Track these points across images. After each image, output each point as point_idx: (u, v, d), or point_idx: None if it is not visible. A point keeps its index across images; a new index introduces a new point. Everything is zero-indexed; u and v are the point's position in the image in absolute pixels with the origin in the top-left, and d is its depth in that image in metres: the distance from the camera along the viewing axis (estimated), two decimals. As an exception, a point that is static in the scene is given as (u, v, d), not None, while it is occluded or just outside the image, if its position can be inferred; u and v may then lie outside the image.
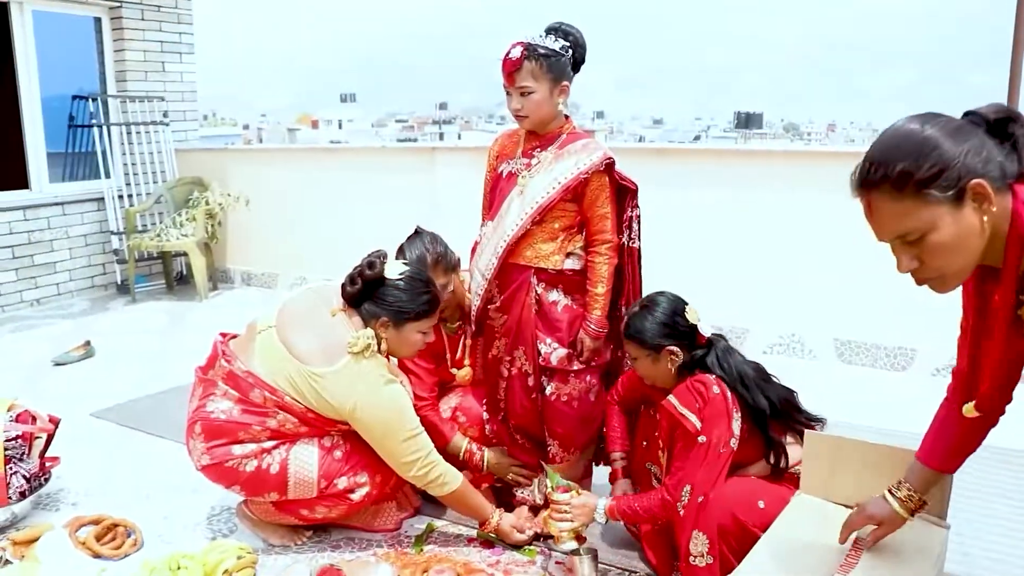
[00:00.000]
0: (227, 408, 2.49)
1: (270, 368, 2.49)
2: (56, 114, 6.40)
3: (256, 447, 2.46)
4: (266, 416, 2.46)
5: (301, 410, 2.46)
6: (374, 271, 2.49)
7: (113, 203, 6.39)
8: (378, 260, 2.52)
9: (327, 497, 2.54)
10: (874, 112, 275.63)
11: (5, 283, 5.87)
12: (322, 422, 2.50)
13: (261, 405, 2.47)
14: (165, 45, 6.85)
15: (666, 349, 2.35)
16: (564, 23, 2.57)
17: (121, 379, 4.32)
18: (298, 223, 6.55)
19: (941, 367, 4.32)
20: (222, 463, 2.46)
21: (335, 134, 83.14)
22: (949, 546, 2.01)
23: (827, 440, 2.12)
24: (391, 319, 2.49)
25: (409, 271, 2.54)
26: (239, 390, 2.49)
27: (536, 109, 2.51)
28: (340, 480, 2.52)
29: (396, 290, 2.49)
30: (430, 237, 2.78)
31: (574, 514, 2.42)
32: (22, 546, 2.54)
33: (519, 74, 2.48)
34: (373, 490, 2.59)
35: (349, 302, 2.53)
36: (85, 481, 3.09)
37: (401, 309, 2.49)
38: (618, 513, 2.39)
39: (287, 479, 2.47)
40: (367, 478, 2.56)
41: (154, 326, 5.55)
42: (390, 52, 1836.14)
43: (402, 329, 2.51)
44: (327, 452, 2.52)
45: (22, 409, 2.85)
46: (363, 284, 2.49)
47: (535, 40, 2.49)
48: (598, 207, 2.54)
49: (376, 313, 2.49)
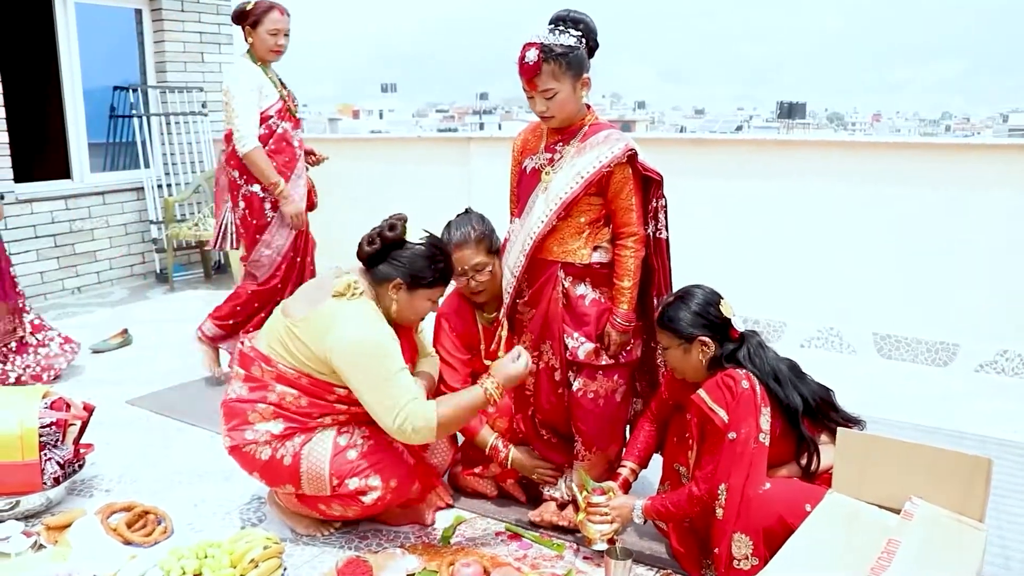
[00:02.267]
0: (237, 387, 2.52)
1: (268, 337, 2.52)
2: (97, 105, 6.49)
3: (266, 432, 2.45)
4: (266, 389, 2.47)
5: (295, 376, 2.44)
6: (395, 233, 2.47)
7: (152, 193, 6.47)
8: (399, 223, 2.50)
9: (339, 496, 2.50)
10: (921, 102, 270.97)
11: (47, 271, 5.97)
12: (319, 387, 2.45)
13: (260, 379, 2.48)
14: (204, 36, 6.90)
15: (698, 340, 2.33)
16: (572, 11, 2.46)
17: (157, 367, 4.37)
18: (333, 212, 6.55)
19: (985, 363, 4.21)
20: (240, 447, 2.48)
21: (376, 124, 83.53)
22: (990, 548, 1.96)
23: (860, 438, 2.07)
24: (405, 282, 2.48)
25: (430, 238, 2.52)
26: (244, 367, 2.53)
27: (562, 108, 2.45)
28: (351, 480, 2.47)
29: (415, 255, 2.48)
30: (478, 217, 2.81)
31: (613, 516, 2.40)
32: (56, 531, 2.57)
33: (540, 78, 2.40)
34: (387, 495, 2.50)
35: (364, 261, 2.52)
36: (119, 468, 3.13)
37: (418, 274, 2.47)
38: (653, 512, 2.37)
39: (300, 472, 2.47)
40: (380, 482, 2.48)
41: (191, 315, 5.59)
42: (431, 42, 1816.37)
43: (414, 294, 2.50)
44: (341, 450, 2.49)
45: (56, 397, 2.89)
46: (382, 244, 2.48)
47: (548, 39, 2.39)
48: (622, 199, 2.49)
49: (390, 275, 2.48)
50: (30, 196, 5.83)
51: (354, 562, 2.36)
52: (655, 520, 2.45)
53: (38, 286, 5.90)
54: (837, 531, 1.89)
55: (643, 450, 2.61)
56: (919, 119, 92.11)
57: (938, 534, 1.75)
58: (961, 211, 4.24)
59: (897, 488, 1.86)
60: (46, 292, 5.96)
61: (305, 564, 2.48)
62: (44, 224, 5.92)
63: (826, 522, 1.94)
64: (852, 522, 1.90)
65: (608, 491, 2.45)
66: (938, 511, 1.89)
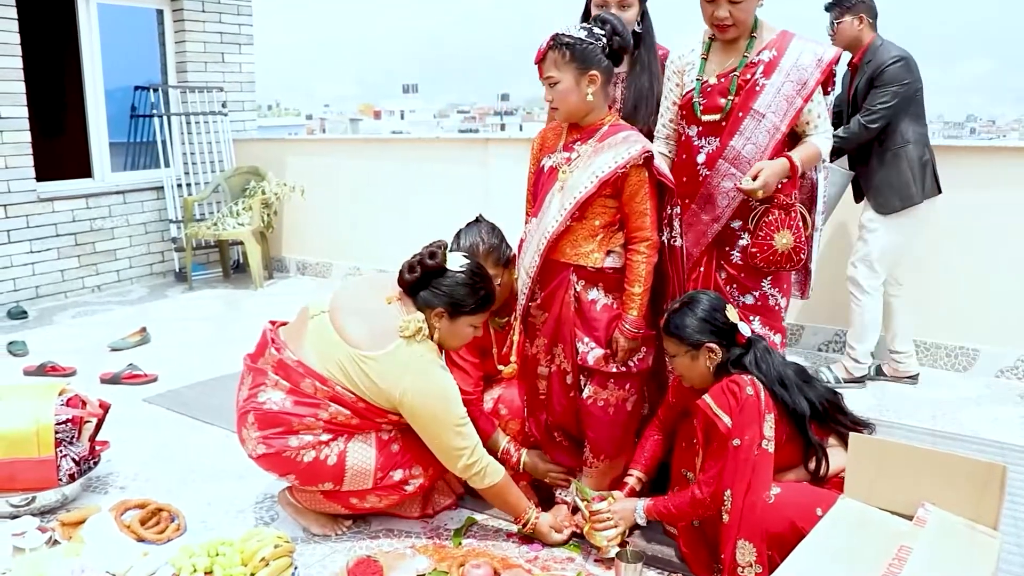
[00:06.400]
0: (279, 399, 2.48)
1: (321, 354, 2.49)
2: (119, 104, 6.55)
3: (313, 439, 2.46)
4: (318, 407, 2.46)
5: (352, 400, 2.46)
6: (435, 261, 2.47)
7: (172, 192, 6.51)
8: (439, 250, 2.49)
9: (381, 488, 2.55)
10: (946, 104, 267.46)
11: (68, 269, 6.02)
12: (373, 412, 2.49)
13: (312, 396, 2.47)
14: (225, 36, 6.94)
15: (705, 346, 2.33)
16: (606, 12, 2.54)
17: (175, 365, 4.39)
18: (352, 213, 6.60)
19: (1006, 368, 4.16)
20: (279, 453, 2.46)
21: (397, 124, 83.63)
22: (1007, 556, 1.93)
23: (872, 444, 2.05)
24: (447, 310, 2.47)
25: (470, 264, 2.52)
26: (290, 380, 2.49)
27: (564, 99, 2.46)
28: (396, 472, 2.55)
29: (456, 283, 2.47)
30: (488, 228, 2.77)
31: (616, 519, 2.40)
32: (70, 527, 2.59)
33: (544, 64, 2.46)
34: (426, 482, 2.62)
35: (406, 290, 2.52)
36: (134, 465, 3.15)
37: (460, 302, 2.47)
38: (655, 513, 2.38)
39: (344, 471, 2.49)
40: (421, 471, 2.58)
41: (210, 313, 5.64)
42: (453, 43, 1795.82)
43: (456, 321, 2.50)
44: (385, 445, 2.53)
45: (72, 394, 2.92)
46: (422, 273, 2.47)
47: (563, 29, 2.45)
48: (637, 203, 2.47)
49: (432, 303, 2.47)
50: (52, 195, 5.89)
51: (364, 562, 2.36)
52: (658, 520, 2.44)
53: (59, 284, 5.96)
54: (848, 537, 1.87)
55: (650, 459, 2.60)
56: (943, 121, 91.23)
57: (950, 541, 1.73)
58: (982, 214, 4.19)
59: (910, 494, 1.84)
60: (66, 290, 6.02)
61: (316, 563, 2.48)
62: (65, 223, 5.98)
63: (837, 528, 1.92)
64: (863, 528, 1.88)
65: (607, 497, 2.47)
66: (951, 518, 1.86)
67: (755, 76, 2.59)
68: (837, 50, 2.67)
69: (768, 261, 2.59)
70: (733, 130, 2.60)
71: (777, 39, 2.64)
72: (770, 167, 2.50)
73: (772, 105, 2.58)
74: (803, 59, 2.59)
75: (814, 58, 2.59)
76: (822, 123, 2.67)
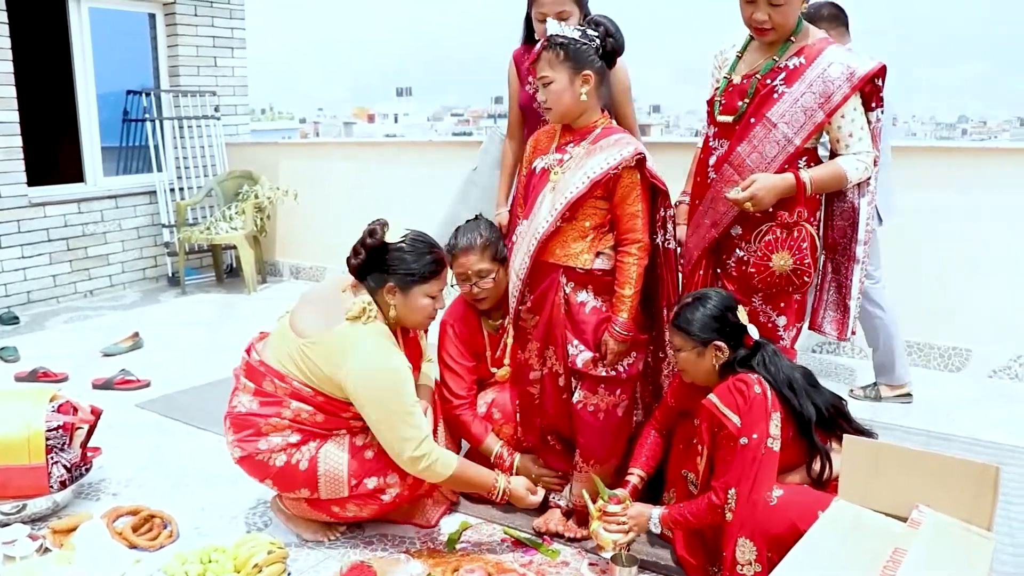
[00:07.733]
0: (247, 401, 2.50)
1: (277, 351, 2.50)
2: (111, 109, 6.53)
3: (282, 441, 2.45)
4: (280, 405, 2.45)
5: (310, 394, 2.44)
6: (375, 238, 2.46)
7: (165, 196, 6.49)
8: (379, 227, 2.49)
9: (357, 496, 2.51)
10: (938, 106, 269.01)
11: (60, 274, 6.00)
12: (336, 406, 2.46)
13: (273, 394, 2.47)
14: (217, 40, 6.93)
15: (712, 343, 2.32)
16: (599, 15, 2.55)
17: (168, 370, 4.37)
18: (346, 217, 6.57)
19: (999, 368, 4.17)
20: (252, 456, 2.46)
21: (391, 128, 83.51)
22: (1001, 557, 1.93)
23: (866, 445, 2.05)
24: (398, 284, 2.46)
25: (411, 233, 2.52)
26: (254, 381, 2.51)
27: (557, 99, 2.46)
28: (369, 480, 2.49)
29: (399, 253, 2.46)
30: (487, 224, 2.82)
31: (629, 524, 2.38)
32: (62, 535, 2.58)
33: (538, 64, 2.48)
34: (404, 491, 2.55)
35: (355, 274, 2.51)
36: (127, 471, 3.13)
37: (407, 272, 2.46)
38: (670, 521, 2.34)
39: (317, 476, 2.46)
40: (397, 479, 2.51)
41: (203, 318, 5.62)
42: (447, 45, 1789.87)
43: (409, 293, 2.48)
44: (358, 451, 2.50)
45: (64, 400, 2.90)
46: (366, 253, 2.47)
47: (557, 29, 2.47)
48: (628, 205, 2.47)
49: (383, 280, 2.47)
50: (43, 199, 5.87)
51: (359, 567, 2.35)
52: (674, 528, 2.43)
53: (51, 289, 5.94)
54: (842, 539, 1.86)
55: (650, 458, 2.59)
56: (935, 122, 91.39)
57: (945, 543, 1.73)
58: (973, 214, 4.20)
59: (904, 496, 1.83)
60: (59, 296, 5.99)
61: (310, 569, 2.47)
62: (57, 227, 5.95)
63: (831, 530, 1.92)
64: (857, 530, 1.87)
65: (624, 500, 2.43)
66: (945, 519, 1.86)
67: (775, 82, 2.45)
68: (876, 64, 2.43)
69: (765, 282, 2.49)
70: (742, 136, 2.48)
71: (812, 46, 2.46)
72: (766, 180, 2.37)
73: (787, 115, 2.42)
74: (832, 71, 2.40)
75: (844, 71, 2.39)
76: (856, 143, 2.46)
